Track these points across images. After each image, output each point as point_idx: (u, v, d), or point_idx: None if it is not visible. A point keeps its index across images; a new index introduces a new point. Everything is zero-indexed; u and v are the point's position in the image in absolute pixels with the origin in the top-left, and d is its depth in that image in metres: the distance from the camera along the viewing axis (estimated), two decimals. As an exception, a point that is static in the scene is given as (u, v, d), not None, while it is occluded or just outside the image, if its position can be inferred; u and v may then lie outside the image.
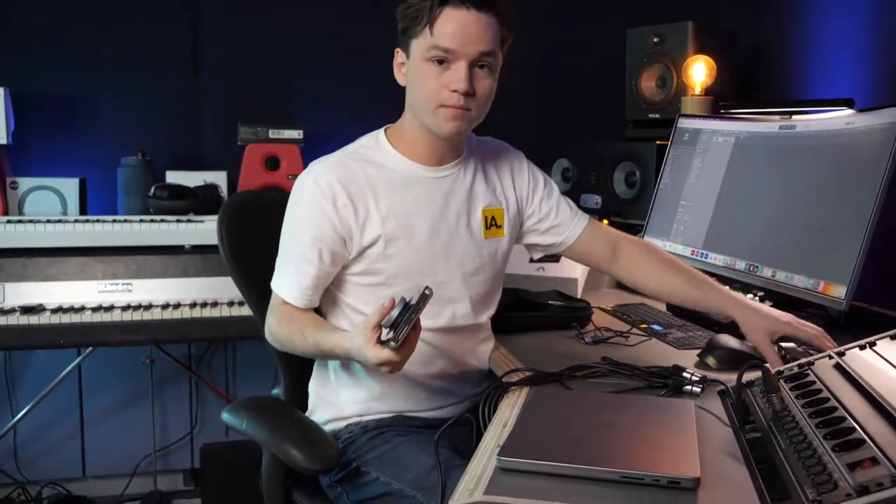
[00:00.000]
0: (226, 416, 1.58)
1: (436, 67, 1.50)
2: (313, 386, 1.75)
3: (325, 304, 1.67)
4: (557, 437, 1.15)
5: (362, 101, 1.59)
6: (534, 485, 1.02)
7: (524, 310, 1.89)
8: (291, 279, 1.58)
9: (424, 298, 1.28)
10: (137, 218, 2.51)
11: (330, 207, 1.54)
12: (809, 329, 1.54)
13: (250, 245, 1.73)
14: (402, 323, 1.28)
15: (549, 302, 1.90)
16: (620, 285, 2.36)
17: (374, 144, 1.64)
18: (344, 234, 1.56)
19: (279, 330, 1.58)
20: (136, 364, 2.82)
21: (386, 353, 1.31)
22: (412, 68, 1.54)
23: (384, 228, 1.56)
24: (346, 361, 1.65)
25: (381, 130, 1.67)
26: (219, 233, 1.79)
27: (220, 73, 2.95)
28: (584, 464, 1.04)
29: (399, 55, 1.58)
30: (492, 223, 1.69)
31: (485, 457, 1.12)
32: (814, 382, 1.27)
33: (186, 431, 3.00)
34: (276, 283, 1.61)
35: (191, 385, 2.99)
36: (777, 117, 1.98)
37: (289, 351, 1.61)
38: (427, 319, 1.54)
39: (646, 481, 1.01)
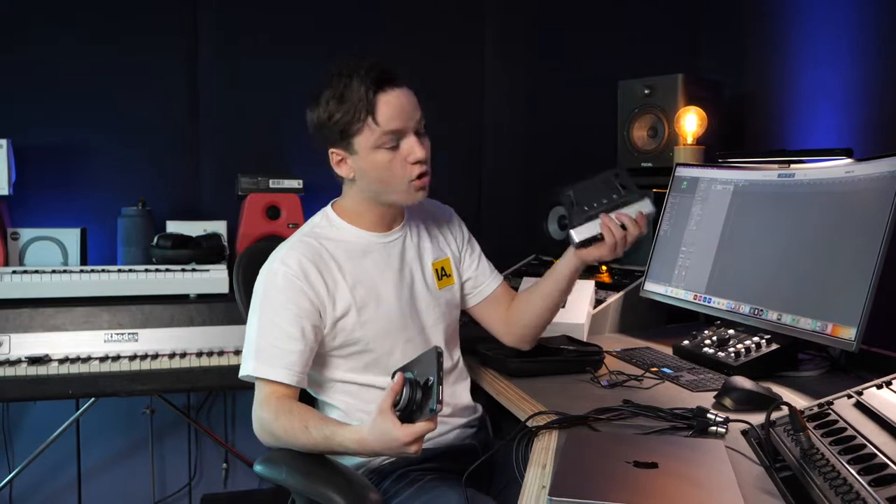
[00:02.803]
0: (259, 469, 1.52)
1: (389, 151, 1.61)
2: None
3: (313, 387, 1.71)
4: (601, 476, 1.18)
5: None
6: (586, 524, 1.05)
7: (538, 355, 1.92)
8: (277, 360, 1.56)
9: (440, 356, 1.29)
10: (143, 268, 2.51)
11: (303, 283, 1.61)
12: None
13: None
14: (433, 384, 1.27)
15: (562, 347, 1.94)
16: (622, 329, 2.42)
17: (327, 223, 1.74)
18: (319, 307, 1.62)
19: (276, 425, 1.51)
20: (134, 415, 2.81)
21: (420, 426, 1.29)
22: (364, 161, 1.63)
23: (354, 297, 1.65)
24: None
25: (329, 208, 1.77)
26: (235, 283, 1.87)
27: (218, 123, 2.98)
28: (633, 502, 1.08)
29: (336, 154, 1.66)
30: (442, 274, 1.83)
31: (532, 497, 1.15)
32: (837, 421, 1.32)
33: (185, 482, 2.98)
34: (258, 370, 1.57)
35: (189, 435, 2.97)
36: (775, 166, 2.06)
37: (286, 446, 1.53)
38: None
39: (696, 519, 1.04)
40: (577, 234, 1.66)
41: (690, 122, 2.61)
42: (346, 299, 1.64)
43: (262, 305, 1.61)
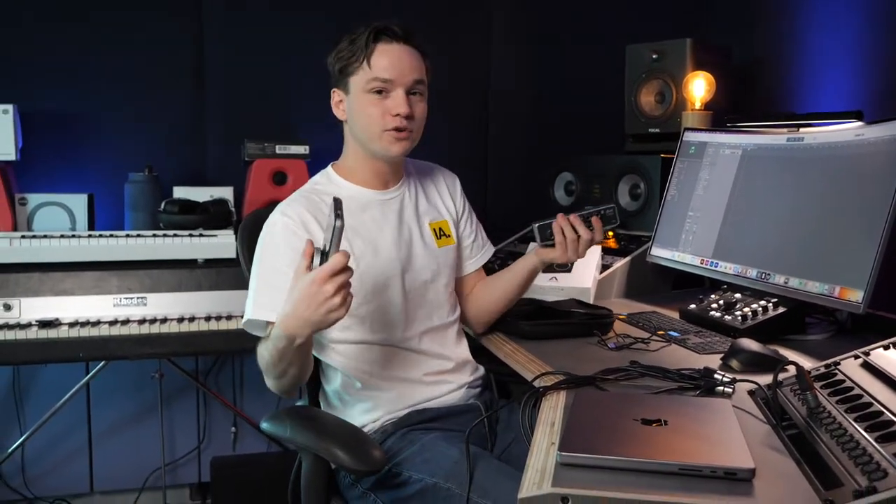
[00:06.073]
0: (266, 426, 1.56)
1: (376, 97, 1.67)
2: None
3: (314, 348, 1.69)
4: (609, 433, 1.19)
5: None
6: (596, 477, 1.07)
7: (548, 318, 1.93)
8: (277, 303, 1.54)
9: (338, 205, 1.34)
10: (150, 233, 2.52)
11: (302, 232, 1.64)
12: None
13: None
14: (334, 227, 1.34)
15: (572, 310, 1.95)
16: (628, 295, 2.43)
17: (327, 180, 1.80)
18: None
19: (259, 359, 1.58)
20: (143, 379, 2.83)
21: (329, 263, 1.34)
22: (354, 102, 1.70)
23: (352, 248, 1.68)
24: (340, 383, 1.74)
25: (329, 168, 1.83)
26: (240, 248, 1.88)
27: (224, 88, 2.98)
28: (641, 457, 1.09)
29: (336, 94, 1.76)
30: (441, 234, 1.86)
31: (541, 453, 1.16)
32: (844, 381, 1.33)
33: (194, 446, 3.01)
34: (255, 313, 1.62)
35: (198, 399, 3.00)
36: (784, 130, 2.05)
37: (272, 377, 1.59)
38: (404, 331, 1.74)
39: (704, 473, 1.06)
40: (537, 223, 1.78)
41: (699, 87, 2.59)
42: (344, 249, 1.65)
43: (261, 254, 1.67)
